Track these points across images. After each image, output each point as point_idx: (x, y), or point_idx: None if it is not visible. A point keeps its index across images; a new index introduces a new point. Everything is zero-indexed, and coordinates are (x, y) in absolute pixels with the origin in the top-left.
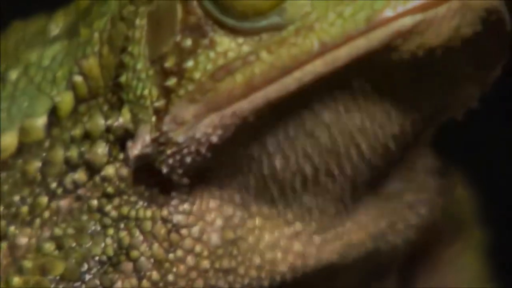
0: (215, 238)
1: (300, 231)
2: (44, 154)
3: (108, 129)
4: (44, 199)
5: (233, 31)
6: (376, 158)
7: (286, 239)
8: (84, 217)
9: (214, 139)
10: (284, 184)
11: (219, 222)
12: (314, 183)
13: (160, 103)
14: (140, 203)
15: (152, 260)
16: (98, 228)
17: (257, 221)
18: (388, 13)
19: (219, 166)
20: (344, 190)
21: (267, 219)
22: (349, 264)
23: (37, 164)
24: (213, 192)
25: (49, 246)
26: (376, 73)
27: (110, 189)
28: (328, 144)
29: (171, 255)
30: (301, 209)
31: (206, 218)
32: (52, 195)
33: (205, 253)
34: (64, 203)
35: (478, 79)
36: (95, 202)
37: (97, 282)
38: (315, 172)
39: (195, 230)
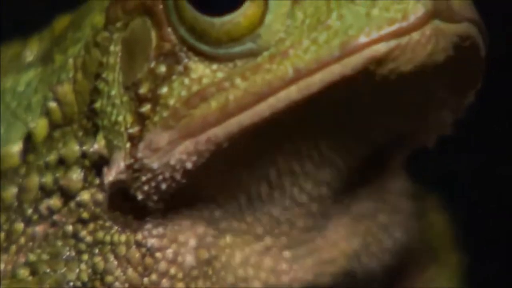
0: (189, 259)
1: (270, 245)
2: (20, 181)
3: (83, 155)
4: (20, 226)
5: (208, 58)
6: (341, 169)
7: (257, 255)
8: (59, 243)
9: (189, 165)
10: (250, 190)
11: (192, 242)
12: (280, 189)
13: (134, 130)
14: (115, 228)
15: (126, 285)
16: (73, 253)
17: (228, 238)
18: (362, 39)
19: (193, 190)
20: (312, 202)
21: (237, 235)
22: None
23: (13, 190)
24: (184, 212)
25: (24, 272)
26: (349, 98)
27: (85, 215)
28: (292, 151)
29: (145, 279)
30: (270, 222)
31: (180, 239)
32: (28, 221)
33: (180, 275)
34: (39, 229)
35: (451, 105)
36: (70, 228)
37: None
38: (279, 176)
39: (169, 252)
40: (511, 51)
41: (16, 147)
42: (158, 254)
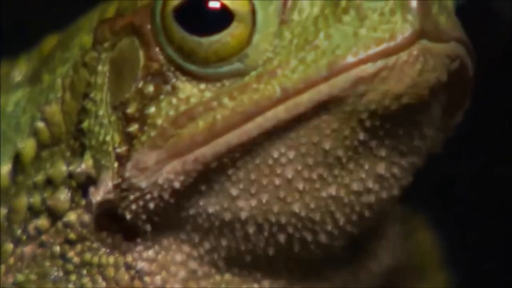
0: None
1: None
2: (9, 201)
3: (71, 175)
4: (9, 246)
5: (195, 77)
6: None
7: None
8: (47, 263)
9: (177, 184)
10: (257, 252)
11: (182, 274)
12: (288, 246)
13: (122, 149)
14: (103, 249)
15: None
16: (61, 274)
17: (226, 276)
18: (350, 59)
19: (187, 219)
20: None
21: (236, 276)
22: None
23: (4, 211)
24: (182, 248)
25: None
26: (338, 120)
27: (72, 235)
28: (287, 183)
29: None
30: (271, 270)
31: (170, 269)
32: (17, 242)
33: None
34: (27, 249)
35: (440, 124)
36: (57, 248)
37: None
38: (289, 238)
39: (158, 278)
40: (505, 54)
41: (5, 168)
42: (147, 279)
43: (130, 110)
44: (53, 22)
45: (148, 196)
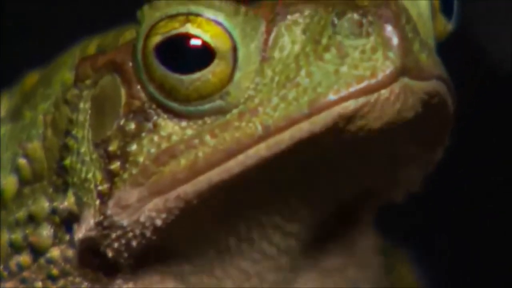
0: None
1: None
2: None
3: (53, 212)
4: None
5: (177, 115)
6: (310, 223)
7: None
8: None
9: (159, 222)
10: (220, 245)
11: None
12: (249, 243)
13: (104, 187)
14: (85, 284)
15: None
16: None
17: None
18: (331, 97)
19: (162, 246)
20: (281, 255)
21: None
22: None
23: None
24: (154, 267)
25: None
26: (318, 155)
27: (55, 271)
28: (261, 205)
29: None
30: (240, 276)
31: None
32: None
33: None
34: (9, 285)
35: (420, 161)
36: (39, 284)
37: None
38: (249, 230)
39: None
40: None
41: None
42: None
43: (112, 147)
44: (53, 23)
45: (130, 234)
